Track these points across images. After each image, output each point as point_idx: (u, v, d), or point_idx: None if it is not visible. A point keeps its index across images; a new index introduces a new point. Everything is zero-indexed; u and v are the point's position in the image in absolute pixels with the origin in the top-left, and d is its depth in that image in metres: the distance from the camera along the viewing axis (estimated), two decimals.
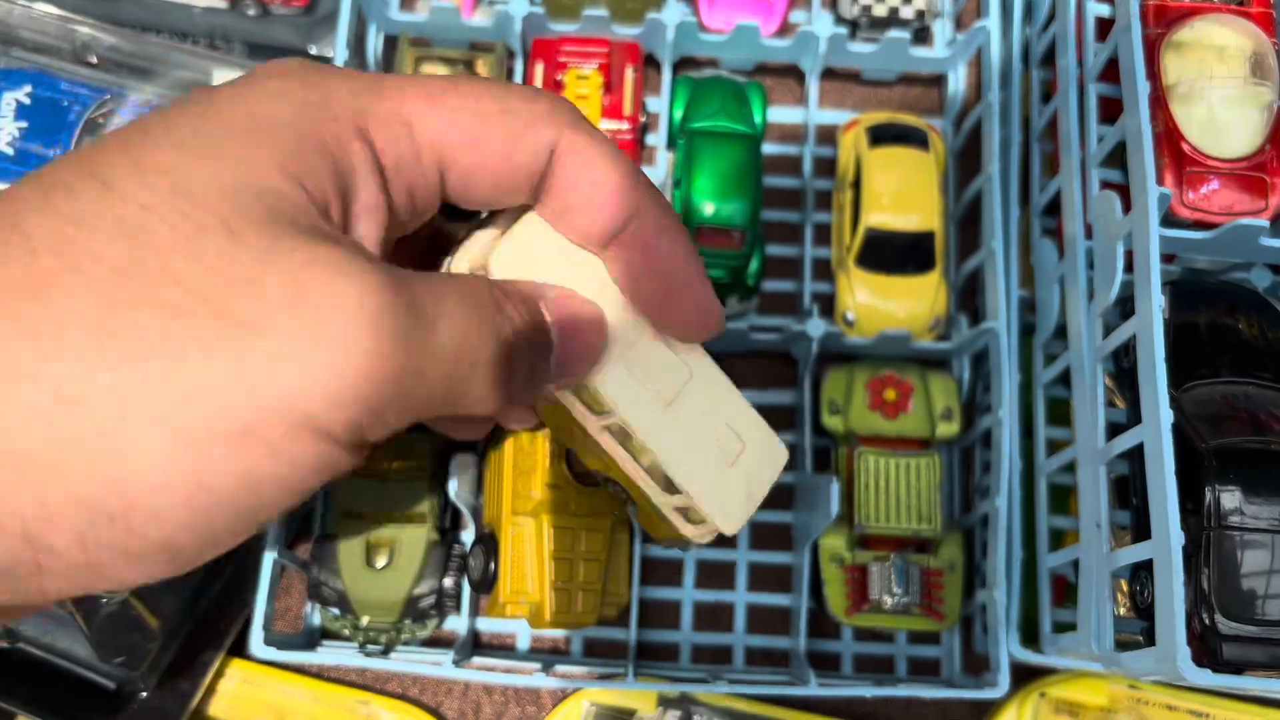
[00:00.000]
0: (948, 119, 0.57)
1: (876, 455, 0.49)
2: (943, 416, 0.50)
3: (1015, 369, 0.49)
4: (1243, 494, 0.38)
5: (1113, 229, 0.41)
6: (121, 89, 0.53)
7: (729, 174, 0.51)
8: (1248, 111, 0.43)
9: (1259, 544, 0.38)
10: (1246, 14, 0.45)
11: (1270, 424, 0.40)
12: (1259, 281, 0.46)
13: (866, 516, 0.48)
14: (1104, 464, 0.42)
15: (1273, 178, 0.43)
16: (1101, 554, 0.41)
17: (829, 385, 0.51)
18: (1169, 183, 0.43)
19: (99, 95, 0.52)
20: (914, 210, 0.52)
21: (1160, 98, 0.43)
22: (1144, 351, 0.37)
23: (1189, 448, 0.39)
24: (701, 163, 0.51)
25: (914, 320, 0.52)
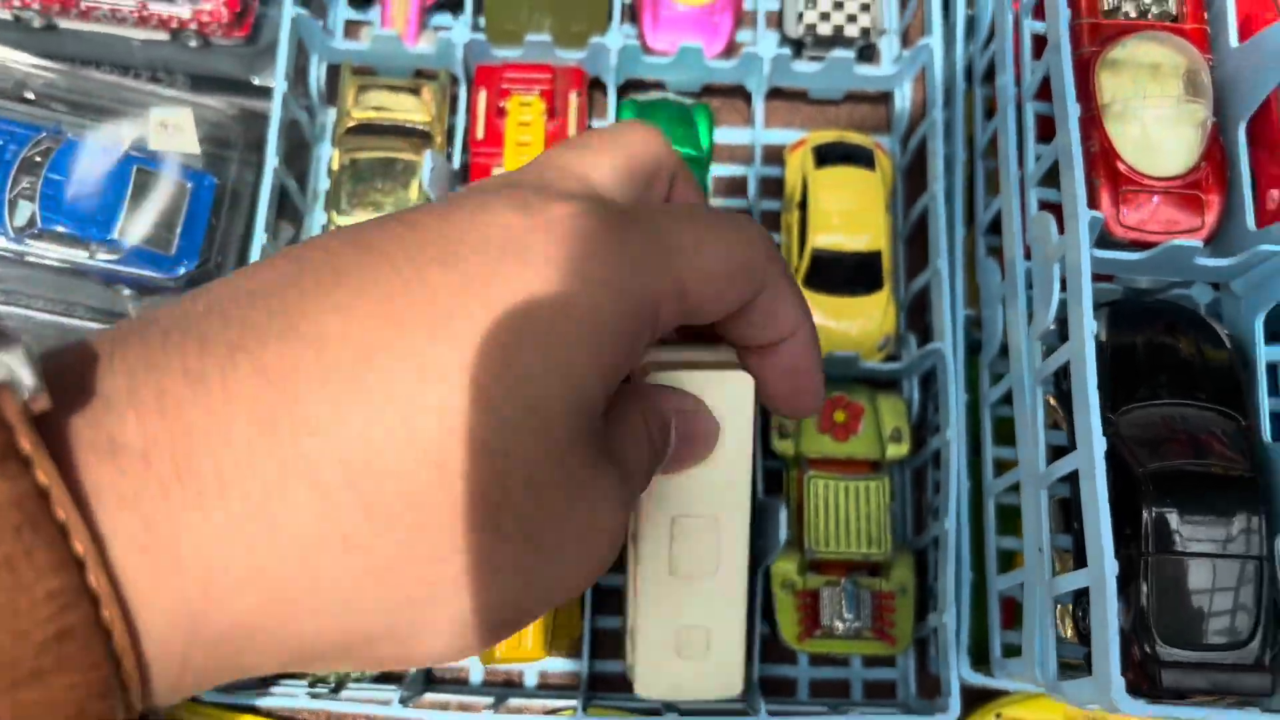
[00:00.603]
0: (895, 136, 0.57)
1: (826, 479, 0.48)
2: (892, 438, 0.50)
3: (962, 390, 0.49)
4: (1181, 517, 0.38)
5: (1049, 251, 0.41)
6: (58, 126, 0.52)
7: None
8: (1182, 130, 0.43)
9: (1199, 568, 0.38)
10: (1181, 30, 0.44)
11: (1209, 446, 0.40)
12: (1200, 298, 0.46)
13: (816, 541, 0.48)
14: (1045, 488, 0.41)
15: (1208, 195, 0.43)
16: (1044, 579, 0.41)
17: None
18: (1105, 202, 0.43)
19: (34, 133, 0.51)
20: (861, 230, 0.52)
21: (1095, 117, 0.43)
22: (1077, 378, 0.37)
23: (1127, 471, 0.39)
24: None
25: (863, 340, 0.52)
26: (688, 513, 0.40)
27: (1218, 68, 0.44)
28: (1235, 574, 0.38)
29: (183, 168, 0.52)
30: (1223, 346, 0.42)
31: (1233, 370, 0.42)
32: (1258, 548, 0.38)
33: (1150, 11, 0.45)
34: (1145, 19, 0.45)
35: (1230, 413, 0.41)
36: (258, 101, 0.57)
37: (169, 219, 0.52)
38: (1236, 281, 0.43)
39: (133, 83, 0.55)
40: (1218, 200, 0.43)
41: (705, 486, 0.41)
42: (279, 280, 0.21)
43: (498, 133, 0.53)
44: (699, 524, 0.40)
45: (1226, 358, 0.42)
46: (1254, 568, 0.38)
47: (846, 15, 0.56)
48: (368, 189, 0.51)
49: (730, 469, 0.43)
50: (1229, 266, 0.41)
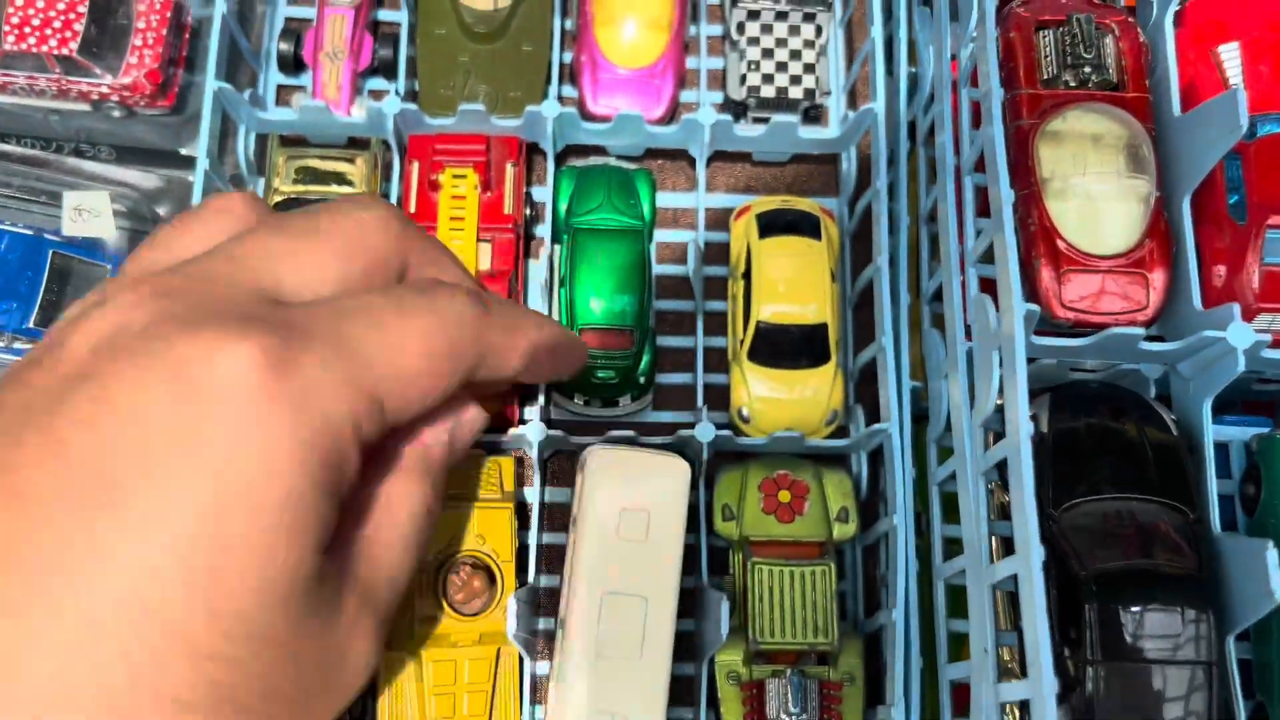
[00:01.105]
0: (842, 199, 0.56)
1: (770, 565, 0.47)
2: (839, 518, 0.48)
3: (910, 472, 0.47)
4: (1127, 622, 0.36)
5: (988, 338, 0.39)
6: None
7: (615, 272, 0.50)
8: (1125, 205, 0.42)
9: (1146, 676, 0.36)
10: (1122, 100, 0.43)
11: (1156, 542, 0.38)
12: (1150, 373, 0.44)
13: (761, 631, 0.46)
14: (990, 585, 0.40)
15: (1152, 273, 0.41)
16: (990, 682, 0.39)
17: (722, 488, 0.49)
18: (1045, 280, 0.41)
19: None
20: (806, 302, 0.50)
21: (1035, 192, 0.42)
22: (1014, 480, 0.36)
23: (1070, 574, 0.37)
24: (586, 262, 0.50)
25: (810, 415, 0.50)
26: (619, 590, 0.42)
27: (1161, 138, 0.43)
28: (1185, 681, 0.36)
29: (103, 250, 0.50)
30: (1169, 433, 0.41)
31: (1179, 458, 0.40)
32: (1207, 652, 0.36)
33: (1090, 80, 0.44)
34: (1085, 88, 0.44)
35: (1177, 505, 0.39)
36: (187, 172, 0.55)
37: None
38: (1183, 364, 0.42)
39: (51, 158, 0.53)
40: (1162, 278, 0.41)
41: (638, 565, 0.43)
42: None
43: (431, 205, 0.51)
44: (628, 603, 0.42)
45: (1173, 445, 0.41)
46: (1204, 673, 0.36)
47: (790, 77, 0.55)
48: None
49: (663, 550, 0.44)
50: (1174, 351, 0.40)
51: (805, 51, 0.55)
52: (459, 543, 0.45)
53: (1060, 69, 0.43)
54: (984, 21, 0.41)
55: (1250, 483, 0.44)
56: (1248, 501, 0.45)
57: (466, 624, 0.44)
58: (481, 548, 0.45)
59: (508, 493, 0.48)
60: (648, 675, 0.43)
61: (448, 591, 0.44)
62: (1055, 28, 0.44)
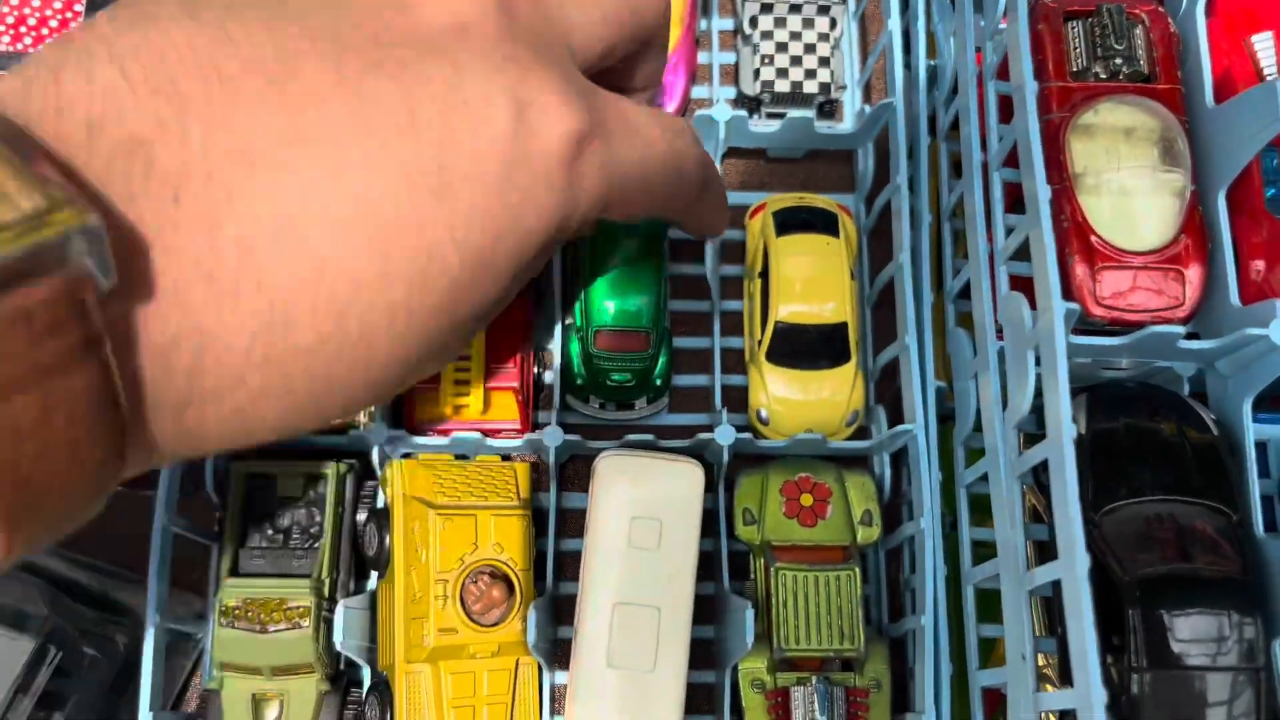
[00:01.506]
0: (859, 195, 0.54)
1: (794, 571, 0.46)
2: (862, 521, 0.47)
3: (936, 473, 0.46)
4: (1171, 627, 0.35)
5: (1022, 337, 0.38)
6: None
7: (629, 271, 0.48)
8: (1159, 200, 0.41)
9: (1192, 682, 0.35)
10: (1153, 92, 0.42)
11: (1199, 545, 0.37)
12: (1183, 372, 0.43)
13: (786, 638, 0.45)
14: (1027, 590, 0.39)
15: (1188, 268, 0.41)
16: (1028, 690, 0.38)
17: (742, 492, 0.48)
18: (1079, 278, 0.40)
19: None
20: (825, 301, 0.49)
21: (1067, 188, 0.41)
22: (1056, 486, 0.35)
23: (1111, 577, 0.36)
24: (599, 261, 0.48)
25: (830, 415, 0.49)
26: (630, 600, 0.41)
27: (1194, 130, 0.42)
28: (1232, 686, 0.35)
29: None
30: (1209, 432, 0.40)
31: (1220, 459, 0.39)
32: (1254, 657, 0.35)
33: (1121, 72, 0.43)
34: (1116, 80, 0.43)
35: (1219, 507, 0.38)
36: None
37: None
38: (1222, 362, 0.41)
39: None
40: (1199, 274, 0.41)
41: (650, 574, 0.42)
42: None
43: None
44: (641, 613, 0.41)
45: (1213, 445, 0.40)
46: (1251, 678, 0.35)
47: (805, 71, 0.54)
48: None
49: (675, 559, 0.43)
50: (1213, 349, 0.39)
51: (820, 45, 0.54)
52: (476, 551, 0.44)
53: (1090, 60, 0.42)
54: (1014, 11, 0.40)
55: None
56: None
57: (485, 634, 0.43)
58: (499, 556, 0.44)
59: (523, 499, 0.47)
60: (661, 687, 0.43)
61: (465, 602, 0.43)
62: (1084, 18, 0.43)
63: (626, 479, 0.44)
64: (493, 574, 0.44)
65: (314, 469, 0.47)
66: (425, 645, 0.42)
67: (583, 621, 0.43)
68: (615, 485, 0.44)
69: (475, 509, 0.45)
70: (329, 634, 0.44)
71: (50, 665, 0.45)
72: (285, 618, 0.44)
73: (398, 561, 0.43)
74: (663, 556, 0.44)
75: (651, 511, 0.44)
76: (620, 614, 0.43)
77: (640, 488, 0.44)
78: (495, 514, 0.45)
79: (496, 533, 0.45)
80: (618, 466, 0.44)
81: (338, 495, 0.46)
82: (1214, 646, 0.35)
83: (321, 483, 0.47)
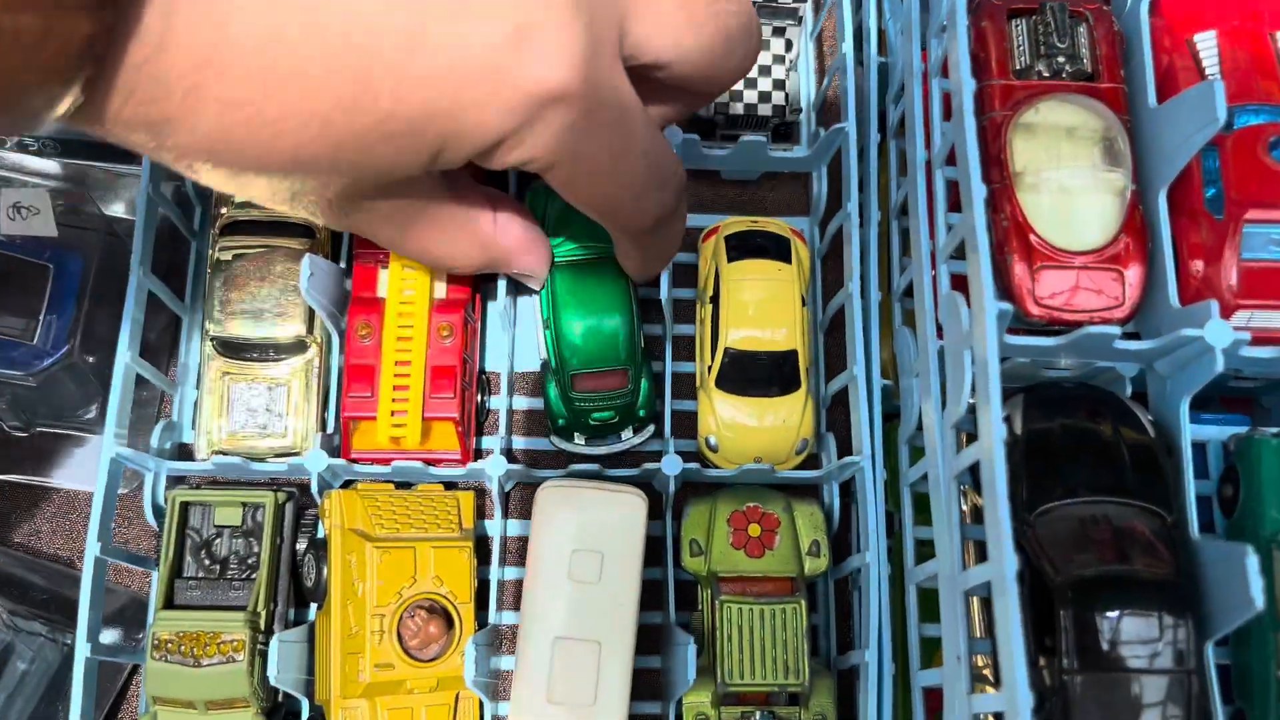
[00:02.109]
0: (814, 219, 0.54)
1: (739, 604, 0.45)
2: (810, 552, 0.47)
3: (881, 507, 0.45)
4: (1103, 630, 0.35)
5: (960, 337, 0.38)
6: None
7: (601, 307, 0.47)
8: (1100, 199, 0.41)
9: (1124, 685, 0.35)
10: (1096, 90, 0.42)
11: (1133, 547, 0.37)
12: (1126, 372, 0.43)
13: (730, 671, 0.44)
14: (963, 591, 0.38)
15: (1128, 268, 0.40)
16: (962, 691, 0.38)
17: (690, 522, 0.48)
18: (1018, 276, 0.40)
19: None
20: (776, 328, 0.49)
21: (1008, 186, 0.41)
22: (986, 485, 0.34)
23: (1045, 580, 0.36)
24: (570, 300, 0.47)
25: (780, 443, 0.49)
26: (570, 635, 0.40)
27: (1136, 129, 0.42)
28: (1164, 689, 0.35)
29: (44, 249, 0.48)
30: (1145, 433, 0.40)
31: (1157, 460, 0.39)
32: (1186, 659, 0.35)
33: (1064, 70, 0.43)
34: (1059, 78, 0.43)
35: (1154, 508, 0.38)
36: (133, 165, 0.52)
37: (30, 306, 0.48)
38: (1160, 362, 0.40)
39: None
40: (1138, 274, 0.40)
41: (591, 608, 0.41)
42: None
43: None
44: (581, 648, 0.42)
45: (1150, 446, 0.40)
46: (1183, 680, 0.35)
47: (759, 94, 0.53)
48: (242, 294, 0.47)
49: (617, 592, 0.43)
50: (1151, 350, 0.39)
51: (775, 68, 0.53)
52: (415, 585, 0.43)
53: (1033, 59, 0.42)
54: (953, 8, 0.40)
55: (1228, 484, 0.43)
56: (1226, 503, 0.44)
57: (423, 670, 0.43)
58: (439, 589, 0.44)
59: (466, 530, 0.46)
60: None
61: (403, 637, 0.42)
62: (1028, 16, 0.43)
63: (567, 510, 0.43)
64: (430, 609, 0.43)
65: (252, 498, 0.46)
66: (361, 681, 0.42)
67: (523, 656, 0.42)
68: (555, 516, 0.43)
69: (415, 541, 0.44)
70: (264, 667, 0.43)
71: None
72: (219, 651, 0.43)
73: (334, 595, 0.42)
74: (604, 589, 0.43)
75: (593, 544, 0.43)
76: (561, 649, 0.42)
77: (581, 519, 0.43)
78: (435, 545, 0.44)
79: (437, 565, 0.44)
80: (558, 497, 0.44)
81: (275, 525, 0.45)
82: (1148, 649, 0.35)
83: (260, 512, 0.46)
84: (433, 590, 0.44)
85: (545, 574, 0.43)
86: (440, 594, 0.44)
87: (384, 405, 0.45)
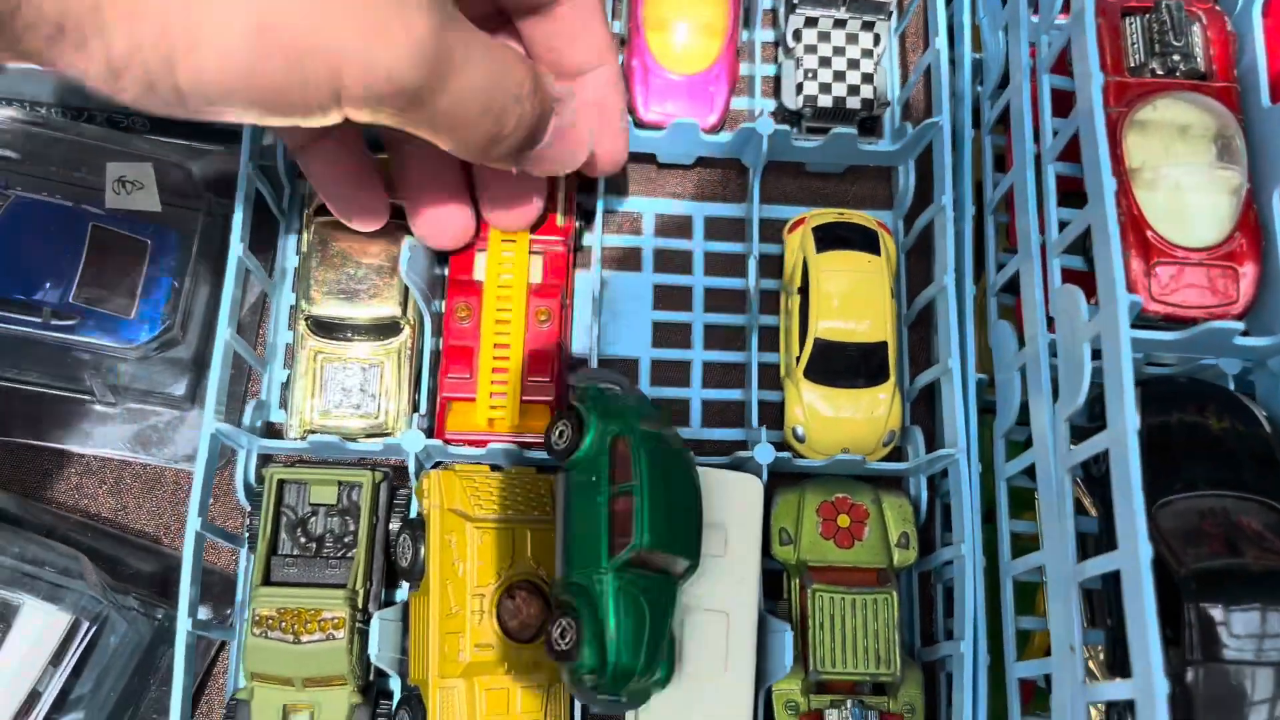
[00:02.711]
0: (898, 213, 0.54)
1: (830, 593, 0.45)
2: (899, 544, 0.47)
3: (977, 499, 0.46)
4: (1227, 621, 0.35)
5: (1078, 330, 0.38)
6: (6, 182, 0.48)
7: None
8: (1215, 197, 0.41)
9: (1248, 676, 0.35)
10: (1210, 89, 0.43)
11: (1252, 540, 0.37)
12: (1229, 369, 0.44)
13: (821, 661, 0.44)
14: (1077, 584, 0.38)
15: (1243, 265, 0.41)
16: (1076, 681, 0.38)
17: (779, 511, 0.48)
18: (1135, 271, 0.41)
19: None
20: (865, 319, 0.49)
21: (1124, 182, 0.42)
22: (1119, 475, 0.35)
23: (1165, 570, 0.36)
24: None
25: (867, 435, 0.49)
26: (700, 606, 0.40)
27: (1250, 128, 0.43)
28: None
29: (144, 224, 0.48)
30: (1260, 428, 0.40)
31: (1272, 455, 0.40)
32: None
33: (1178, 69, 0.43)
34: (1172, 76, 0.43)
35: (1272, 503, 0.38)
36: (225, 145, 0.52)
37: (129, 281, 0.48)
38: (1274, 359, 0.41)
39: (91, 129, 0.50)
40: (1253, 271, 0.41)
41: (716, 582, 0.43)
42: None
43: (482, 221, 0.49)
44: (711, 619, 0.43)
45: (1267, 441, 0.40)
46: None
47: (848, 87, 0.53)
48: (338, 274, 0.47)
49: (740, 566, 0.43)
50: (1268, 346, 0.39)
51: (864, 61, 0.53)
52: (514, 566, 0.43)
53: (1148, 56, 0.43)
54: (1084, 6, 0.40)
55: None
56: None
57: (522, 650, 0.43)
58: (536, 571, 0.44)
59: None
60: (734, 692, 0.43)
61: (502, 617, 0.42)
62: (1142, 14, 0.44)
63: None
64: (531, 589, 0.43)
65: (348, 477, 0.46)
66: (461, 661, 0.42)
67: None
68: None
69: (513, 522, 0.44)
70: (362, 645, 0.43)
71: (83, 640, 0.45)
72: (320, 628, 0.43)
73: (433, 575, 0.42)
74: (729, 562, 0.44)
75: (717, 519, 0.44)
76: (690, 620, 0.43)
77: (706, 496, 0.43)
78: (533, 527, 0.44)
79: (534, 547, 0.44)
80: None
81: (372, 504, 0.46)
82: (1270, 641, 0.35)
83: (356, 491, 0.46)
84: (531, 572, 0.44)
85: None
86: (538, 575, 0.44)
87: (483, 387, 0.45)
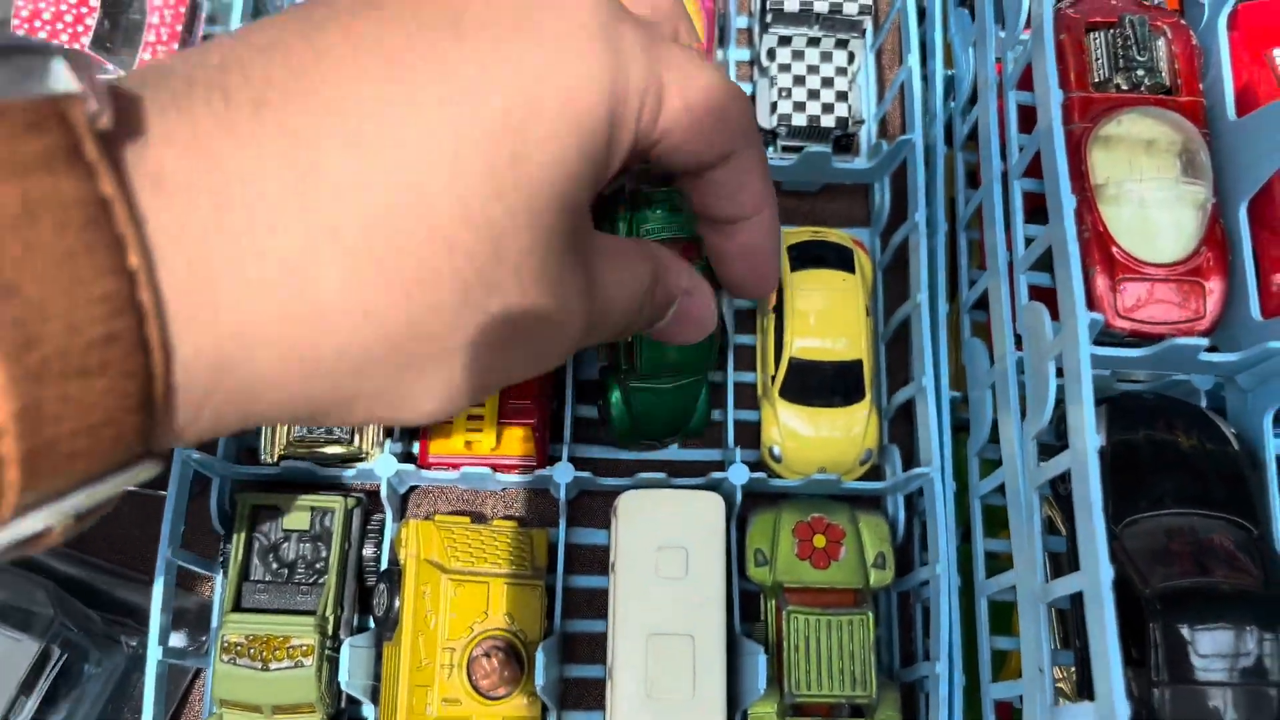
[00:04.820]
0: (875, 231, 0.54)
1: (806, 614, 0.45)
2: (875, 564, 0.46)
3: (953, 519, 0.45)
4: (1194, 641, 0.35)
5: (1043, 347, 0.38)
6: None
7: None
8: (1181, 212, 0.41)
9: (1214, 698, 0.35)
10: (1175, 104, 0.43)
11: (1220, 559, 0.37)
12: (1201, 385, 0.43)
13: (797, 683, 0.44)
14: (1045, 604, 0.38)
15: (1209, 281, 0.41)
16: (1045, 704, 0.38)
17: (755, 532, 0.47)
18: (1101, 287, 0.41)
19: None
20: (840, 337, 0.48)
21: (1088, 198, 0.42)
22: (1079, 494, 0.34)
23: (1131, 590, 0.36)
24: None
25: (844, 453, 0.49)
26: (663, 630, 0.40)
27: (1215, 142, 0.43)
28: (1255, 703, 0.35)
29: None
30: (1229, 445, 0.40)
31: (1241, 472, 0.39)
32: (1276, 672, 0.34)
33: (1143, 84, 0.43)
34: (1137, 91, 0.43)
35: (1240, 521, 0.38)
36: None
37: None
38: (1242, 375, 0.41)
39: None
40: (1219, 287, 0.41)
41: (680, 604, 0.42)
42: (292, 38, 0.22)
43: None
44: (675, 642, 0.42)
45: (1234, 458, 0.40)
46: (1274, 694, 0.34)
47: (822, 105, 0.53)
48: None
49: (704, 587, 0.43)
50: (1234, 362, 0.39)
51: (838, 79, 0.53)
52: (486, 620, 0.43)
53: (1112, 72, 0.43)
54: (1038, 21, 0.40)
55: None
56: None
57: (490, 708, 0.42)
58: (510, 627, 0.43)
59: (538, 568, 0.46)
60: (703, 716, 0.42)
61: (473, 674, 0.42)
62: (1106, 29, 0.44)
63: (649, 511, 0.45)
64: (507, 650, 0.43)
65: (320, 502, 0.46)
66: (428, 715, 0.41)
67: (618, 656, 0.42)
68: (638, 518, 0.44)
69: (489, 576, 0.44)
70: (332, 672, 0.43)
71: (54, 667, 0.45)
72: (288, 655, 0.43)
73: (406, 625, 0.42)
74: (691, 584, 0.44)
75: (677, 541, 0.44)
76: (654, 645, 0.43)
77: (663, 518, 0.44)
78: (509, 582, 0.44)
79: (509, 602, 0.44)
80: (639, 501, 0.45)
81: (344, 530, 0.45)
82: (1238, 661, 0.35)
83: (328, 516, 0.46)
84: (504, 628, 0.43)
85: (634, 573, 0.43)
86: (512, 631, 0.43)
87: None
